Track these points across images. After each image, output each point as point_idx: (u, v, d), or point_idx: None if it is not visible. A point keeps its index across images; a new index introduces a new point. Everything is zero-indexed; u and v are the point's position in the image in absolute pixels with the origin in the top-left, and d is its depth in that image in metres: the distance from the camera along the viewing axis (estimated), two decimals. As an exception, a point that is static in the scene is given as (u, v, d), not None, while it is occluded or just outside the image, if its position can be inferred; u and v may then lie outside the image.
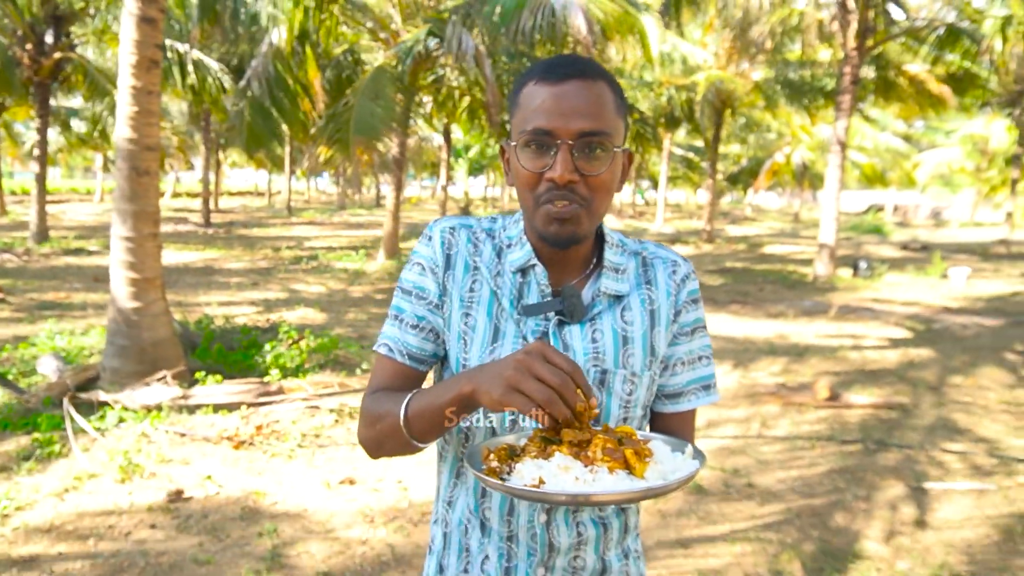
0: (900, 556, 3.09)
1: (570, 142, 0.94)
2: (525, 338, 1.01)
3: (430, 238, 1.07)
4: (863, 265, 13.16)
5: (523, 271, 1.04)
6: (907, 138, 32.94)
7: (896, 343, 7.48)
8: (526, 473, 0.85)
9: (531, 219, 1.00)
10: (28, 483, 3.51)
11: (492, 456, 0.91)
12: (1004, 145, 26.34)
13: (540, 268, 1.03)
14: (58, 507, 3.29)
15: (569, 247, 1.00)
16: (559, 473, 0.83)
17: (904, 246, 20.67)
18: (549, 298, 1.03)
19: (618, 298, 1.05)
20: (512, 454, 0.91)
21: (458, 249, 1.06)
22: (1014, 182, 19.40)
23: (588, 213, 0.97)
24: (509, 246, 1.06)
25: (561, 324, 1.02)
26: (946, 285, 12.28)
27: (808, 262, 14.82)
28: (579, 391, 0.84)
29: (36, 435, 4.03)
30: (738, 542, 3.18)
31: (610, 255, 1.06)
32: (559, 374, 0.82)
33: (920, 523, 3.40)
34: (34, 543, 2.97)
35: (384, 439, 0.99)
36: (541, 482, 0.83)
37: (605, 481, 0.82)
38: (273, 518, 3.27)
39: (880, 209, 38.93)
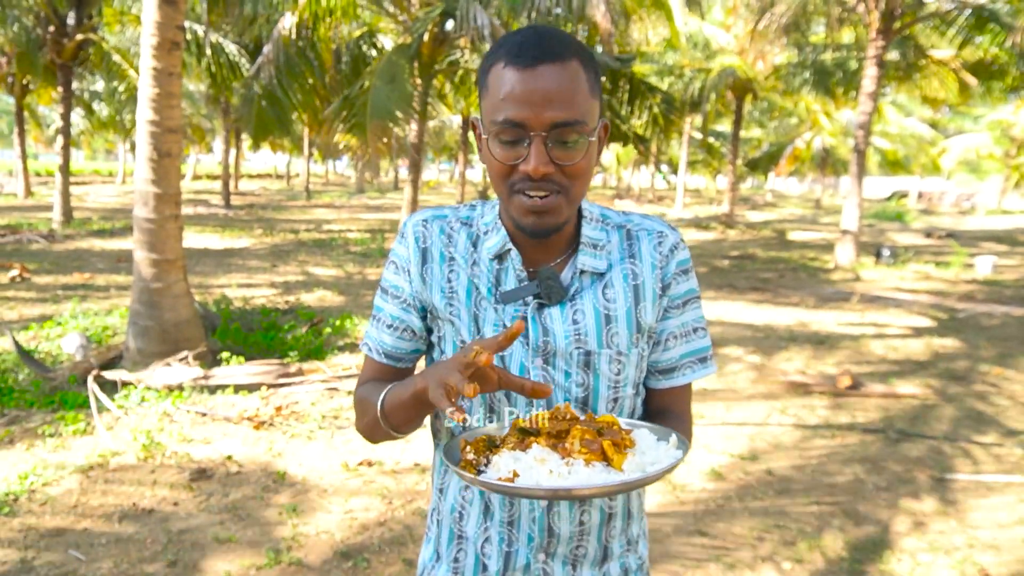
0: (923, 548, 3.05)
1: (543, 133, 0.89)
2: (504, 325, 1.00)
3: (403, 235, 1.07)
4: (886, 252, 12.96)
5: (499, 257, 1.03)
6: (933, 124, 32.28)
7: (920, 332, 7.37)
8: (502, 465, 0.84)
9: (506, 207, 0.97)
10: (54, 459, 3.57)
11: (469, 448, 0.89)
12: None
13: (515, 253, 1.01)
14: (83, 483, 3.35)
15: (548, 237, 0.98)
16: (535, 465, 0.82)
17: (928, 233, 20.32)
18: (525, 282, 1.01)
19: (599, 275, 1.02)
20: (491, 445, 0.90)
21: (432, 241, 1.04)
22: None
23: (567, 200, 0.94)
24: (486, 232, 1.04)
25: (541, 307, 1.00)
26: (971, 274, 12.07)
27: (829, 249, 14.63)
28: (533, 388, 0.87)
29: (61, 413, 4.10)
30: (757, 529, 3.16)
31: (588, 231, 1.03)
32: (460, 381, 0.82)
33: (943, 514, 3.36)
34: (60, 519, 3.03)
35: (372, 429, 1.03)
36: (515, 475, 0.82)
37: (580, 474, 0.81)
38: (292, 498, 3.30)
39: (904, 196, 38.30)
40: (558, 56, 0.90)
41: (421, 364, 1.14)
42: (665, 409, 1.08)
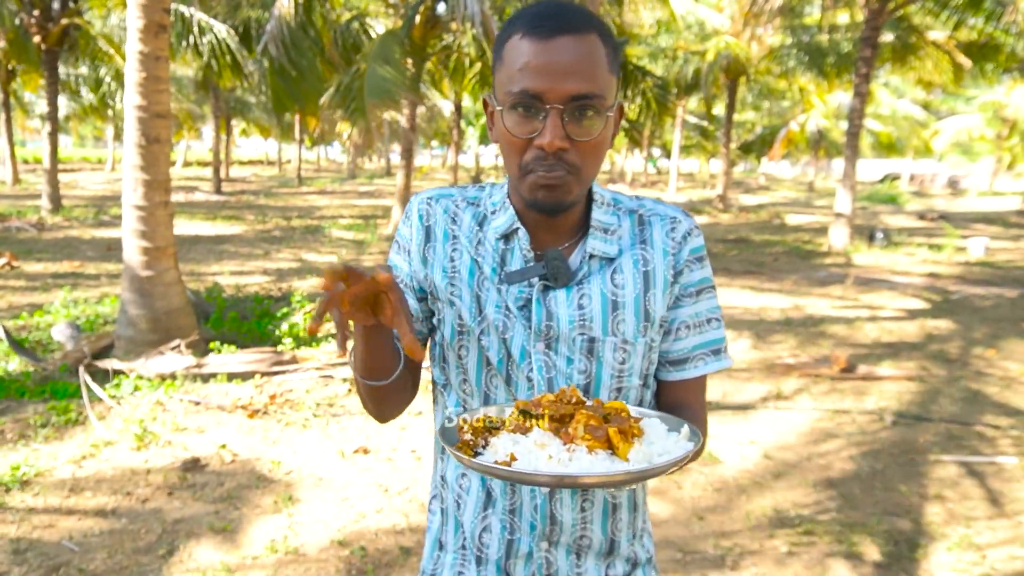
0: (919, 531, 3.06)
1: (560, 106, 0.86)
2: (507, 306, 0.97)
3: (408, 215, 1.05)
4: (879, 235, 12.98)
5: (506, 237, 1.00)
6: (926, 106, 32.26)
7: (914, 314, 7.39)
8: (500, 448, 0.80)
9: (517, 185, 0.94)
10: (46, 450, 3.54)
11: (467, 429, 0.86)
12: (1025, 113, 25.77)
13: (523, 232, 0.98)
14: (76, 474, 3.32)
15: (557, 214, 0.95)
16: (534, 450, 0.78)
17: (921, 215, 20.37)
18: (532, 263, 0.98)
19: (609, 260, 0.99)
20: (491, 427, 0.86)
21: (436, 220, 1.03)
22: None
23: (578, 179, 0.91)
24: (493, 212, 1.01)
25: (546, 290, 0.97)
26: (964, 256, 12.11)
27: (823, 232, 14.64)
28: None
29: (53, 403, 4.06)
30: (754, 514, 3.16)
31: (598, 215, 1.00)
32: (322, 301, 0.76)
33: (939, 498, 3.37)
34: (52, 509, 3.00)
35: (360, 391, 1.00)
36: (513, 459, 0.78)
37: (582, 461, 0.76)
38: (288, 487, 3.28)
39: (896, 178, 38.32)
40: (577, 28, 0.88)
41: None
42: (677, 403, 1.05)
